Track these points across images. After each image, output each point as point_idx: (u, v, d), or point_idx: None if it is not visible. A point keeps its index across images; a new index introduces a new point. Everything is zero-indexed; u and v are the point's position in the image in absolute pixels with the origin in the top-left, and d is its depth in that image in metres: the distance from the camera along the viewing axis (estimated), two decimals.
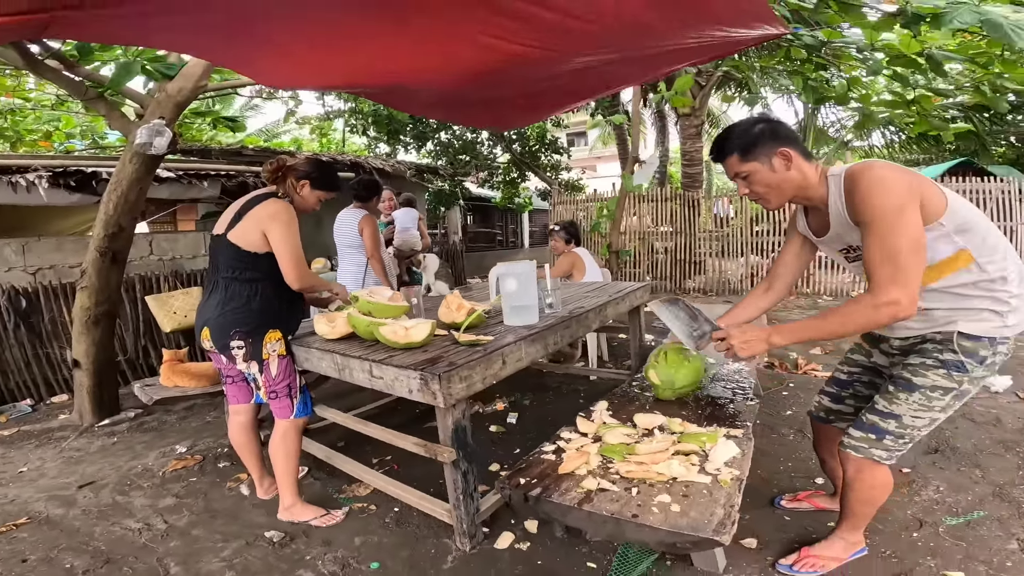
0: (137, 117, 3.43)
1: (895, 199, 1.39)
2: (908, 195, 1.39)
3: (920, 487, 2.29)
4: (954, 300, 1.50)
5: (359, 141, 11.85)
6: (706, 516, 1.40)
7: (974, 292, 1.48)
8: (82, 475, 2.82)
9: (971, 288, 1.48)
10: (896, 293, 1.39)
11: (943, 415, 1.56)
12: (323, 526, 2.23)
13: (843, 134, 12.97)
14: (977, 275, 1.47)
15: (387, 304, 2.26)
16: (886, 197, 1.40)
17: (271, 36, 1.85)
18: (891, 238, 1.39)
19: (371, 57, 2.08)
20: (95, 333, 3.55)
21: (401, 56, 2.09)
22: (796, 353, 4.51)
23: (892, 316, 1.41)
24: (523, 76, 2.40)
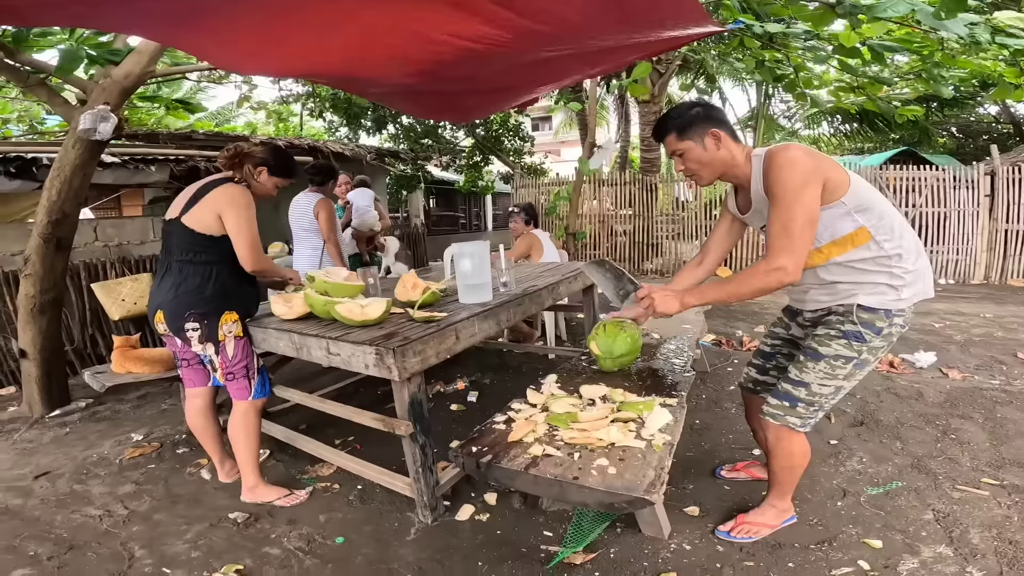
0: (80, 103, 3.32)
1: (799, 177, 1.55)
2: (812, 175, 1.55)
3: (845, 458, 2.47)
4: (856, 274, 1.66)
5: (318, 125, 11.58)
6: (639, 477, 1.51)
7: (873, 267, 1.64)
8: (37, 466, 2.76)
9: (870, 263, 1.64)
10: (784, 260, 1.55)
11: (847, 383, 1.72)
12: (287, 506, 2.27)
13: (792, 123, 13.46)
14: (876, 251, 1.63)
15: (343, 283, 2.31)
16: (792, 175, 1.55)
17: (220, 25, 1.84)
18: (790, 211, 1.55)
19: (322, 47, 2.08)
20: (41, 322, 3.45)
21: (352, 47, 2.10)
22: (742, 331, 4.74)
23: (779, 281, 1.58)
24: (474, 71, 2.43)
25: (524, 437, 1.80)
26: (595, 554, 1.87)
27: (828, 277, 1.70)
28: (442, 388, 3.63)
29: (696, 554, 1.86)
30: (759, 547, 1.87)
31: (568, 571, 1.80)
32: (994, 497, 2.09)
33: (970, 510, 2.02)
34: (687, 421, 2.87)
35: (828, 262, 1.68)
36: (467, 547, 1.97)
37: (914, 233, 1.70)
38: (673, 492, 2.24)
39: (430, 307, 2.42)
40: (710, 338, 4.50)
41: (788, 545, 1.88)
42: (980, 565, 1.73)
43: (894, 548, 1.84)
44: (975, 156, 9.89)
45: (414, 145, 10.77)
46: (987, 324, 4.78)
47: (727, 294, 1.72)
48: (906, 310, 1.66)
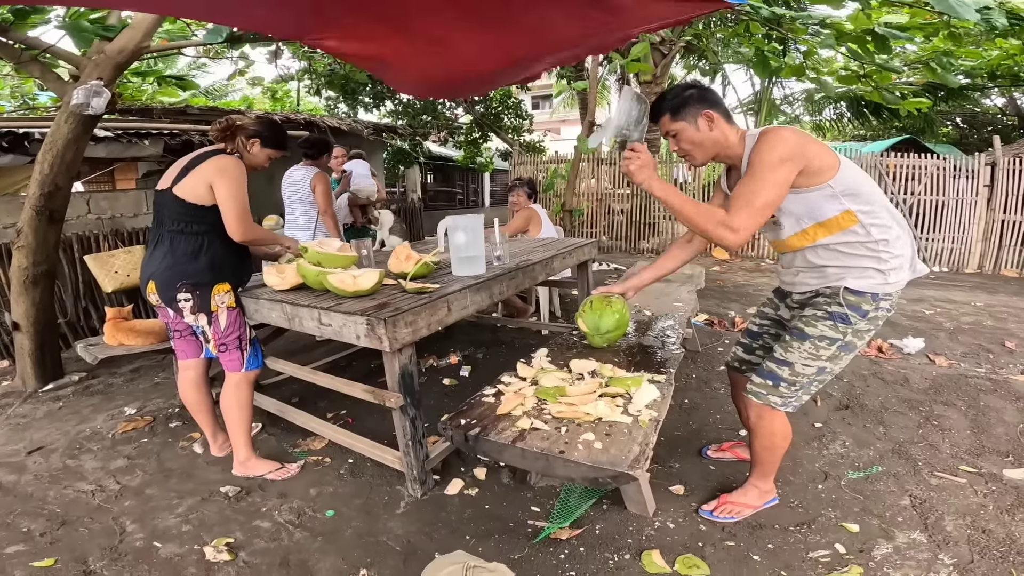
0: (73, 79, 3.30)
1: (779, 154, 1.56)
2: (792, 155, 1.56)
3: (829, 441, 2.51)
4: (844, 258, 1.68)
5: (315, 101, 11.45)
6: (624, 453, 1.54)
7: (860, 251, 1.66)
8: (30, 441, 2.77)
9: (858, 247, 1.66)
10: (737, 222, 1.57)
11: (831, 365, 1.74)
12: (279, 479, 2.30)
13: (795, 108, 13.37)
14: (863, 236, 1.65)
15: (336, 254, 2.31)
16: (774, 150, 1.57)
17: None
18: (759, 183, 1.57)
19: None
20: (34, 294, 3.44)
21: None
22: (734, 312, 4.77)
23: (721, 238, 1.60)
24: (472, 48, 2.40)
25: (512, 410, 1.83)
26: (581, 530, 1.91)
27: (817, 260, 1.72)
28: (435, 362, 3.66)
29: (679, 532, 1.90)
30: (740, 527, 1.91)
31: (554, 546, 1.84)
32: (971, 485, 2.13)
33: (946, 497, 2.06)
34: (676, 400, 2.92)
35: (815, 244, 1.70)
36: (455, 521, 2.00)
37: (903, 218, 1.71)
38: (659, 470, 2.28)
39: (423, 279, 2.43)
40: (702, 318, 4.54)
41: (769, 526, 1.92)
42: (952, 553, 1.77)
43: (870, 533, 1.88)
44: (977, 147, 9.85)
45: (412, 121, 10.68)
46: (977, 312, 4.81)
47: (677, 210, 1.68)
48: (893, 294, 1.68)
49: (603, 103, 17.49)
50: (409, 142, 10.68)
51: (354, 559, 1.82)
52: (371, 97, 10.21)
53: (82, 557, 1.87)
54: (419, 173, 11.86)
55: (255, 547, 1.90)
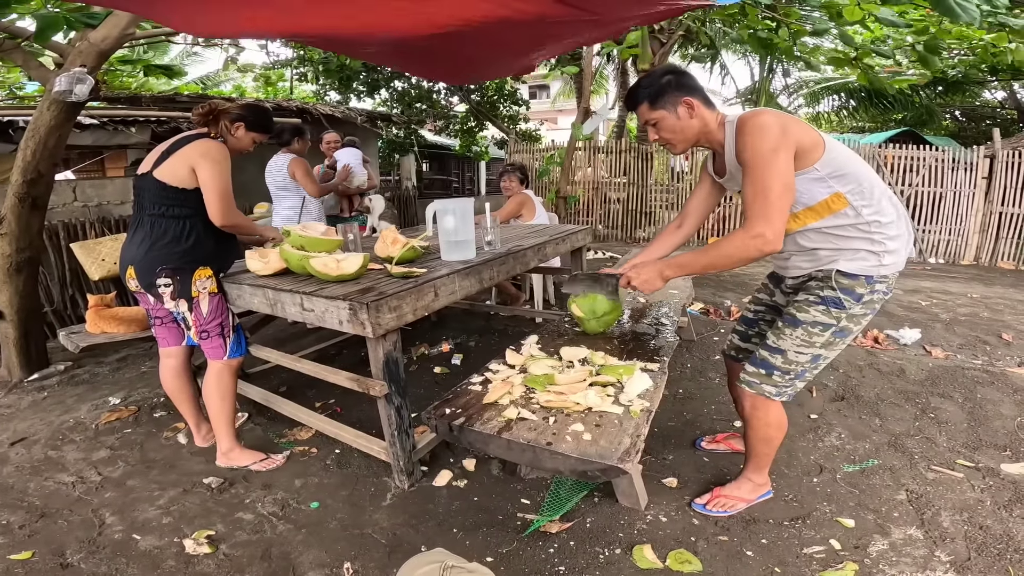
0: (57, 67, 3.25)
1: (770, 142, 1.50)
2: (782, 140, 1.51)
3: (824, 433, 2.47)
4: (835, 241, 1.63)
5: (309, 89, 11.31)
6: (614, 445, 1.48)
7: (852, 233, 1.61)
8: (13, 432, 2.72)
9: (849, 230, 1.61)
10: (762, 227, 1.51)
11: (825, 352, 1.69)
12: (263, 470, 2.26)
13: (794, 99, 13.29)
14: (854, 218, 1.59)
15: (320, 238, 2.26)
16: (763, 140, 1.51)
17: None
18: (764, 178, 1.51)
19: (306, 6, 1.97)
20: (18, 281, 3.38)
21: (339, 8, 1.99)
22: (730, 301, 4.73)
23: (759, 249, 1.54)
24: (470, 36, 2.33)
25: (499, 399, 1.77)
26: (571, 523, 1.87)
27: (808, 244, 1.67)
28: (427, 350, 3.61)
29: (671, 526, 1.86)
30: (734, 522, 1.88)
31: (543, 539, 1.80)
32: (968, 480, 2.09)
33: (943, 492, 2.02)
34: (670, 390, 2.87)
35: (805, 228, 1.65)
36: (443, 513, 1.96)
37: (896, 200, 1.66)
38: (652, 463, 2.24)
39: (410, 263, 2.37)
40: (698, 306, 4.50)
41: (763, 521, 1.88)
42: (948, 549, 1.73)
43: (866, 528, 1.84)
44: (976, 140, 9.82)
45: (407, 109, 10.57)
46: (973, 304, 4.78)
47: (706, 265, 1.70)
48: (889, 277, 1.63)
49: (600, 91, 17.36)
50: (404, 130, 10.59)
51: (338, 552, 1.78)
52: (365, 85, 10.09)
53: (60, 550, 1.83)
54: (414, 161, 11.75)
55: (236, 539, 1.86)
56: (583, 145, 9.10)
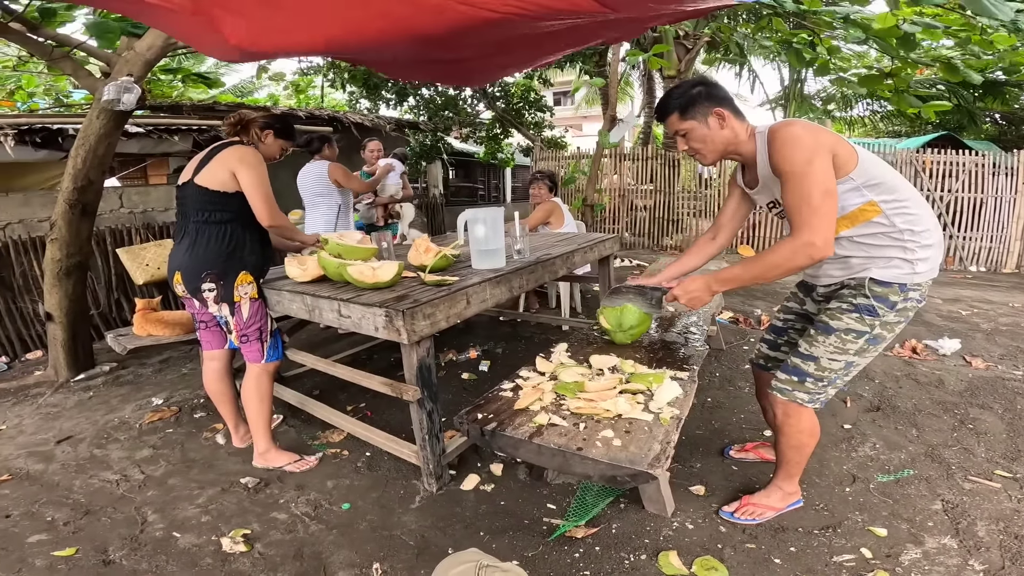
0: (103, 75, 3.37)
1: (805, 152, 1.50)
2: (817, 149, 1.51)
3: (858, 443, 2.43)
4: (868, 249, 1.62)
5: (339, 97, 11.55)
6: (644, 451, 1.50)
7: (885, 242, 1.59)
8: (60, 430, 2.84)
9: (882, 238, 1.59)
10: (810, 235, 1.50)
11: (859, 359, 1.68)
12: (297, 471, 2.32)
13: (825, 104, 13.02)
14: (887, 227, 1.58)
15: (356, 246, 2.33)
16: (797, 151, 1.51)
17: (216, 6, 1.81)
18: (804, 186, 1.50)
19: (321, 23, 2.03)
20: (67, 285, 3.54)
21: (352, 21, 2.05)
22: (760, 310, 4.66)
23: (809, 256, 1.53)
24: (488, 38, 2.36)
25: (530, 405, 1.80)
26: (597, 529, 1.88)
27: (840, 252, 1.66)
28: (454, 356, 3.66)
29: (698, 534, 1.86)
30: (762, 530, 1.86)
31: (569, 544, 1.81)
32: (1005, 490, 2.04)
33: (980, 502, 1.98)
34: (699, 398, 2.86)
35: (838, 236, 1.64)
36: (470, 516, 1.99)
37: (929, 208, 1.64)
38: (679, 470, 2.24)
39: (442, 271, 2.42)
40: (727, 315, 4.45)
41: (792, 529, 1.86)
42: (983, 559, 1.70)
43: (899, 537, 1.81)
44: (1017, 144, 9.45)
45: (434, 116, 10.70)
46: (1015, 314, 4.62)
47: (755, 277, 1.69)
48: (922, 284, 1.62)
49: (625, 98, 17.31)
50: (431, 138, 10.71)
51: (367, 552, 1.83)
52: (393, 93, 10.26)
53: (102, 547, 1.90)
54: (441, 169, 11.88)
55: (271, 539, 1.92)
56: (609, 152, 9.08)
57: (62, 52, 3.33)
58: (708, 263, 2.13)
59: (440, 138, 10.78)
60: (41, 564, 1.82)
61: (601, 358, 2.11)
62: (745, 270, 1.70)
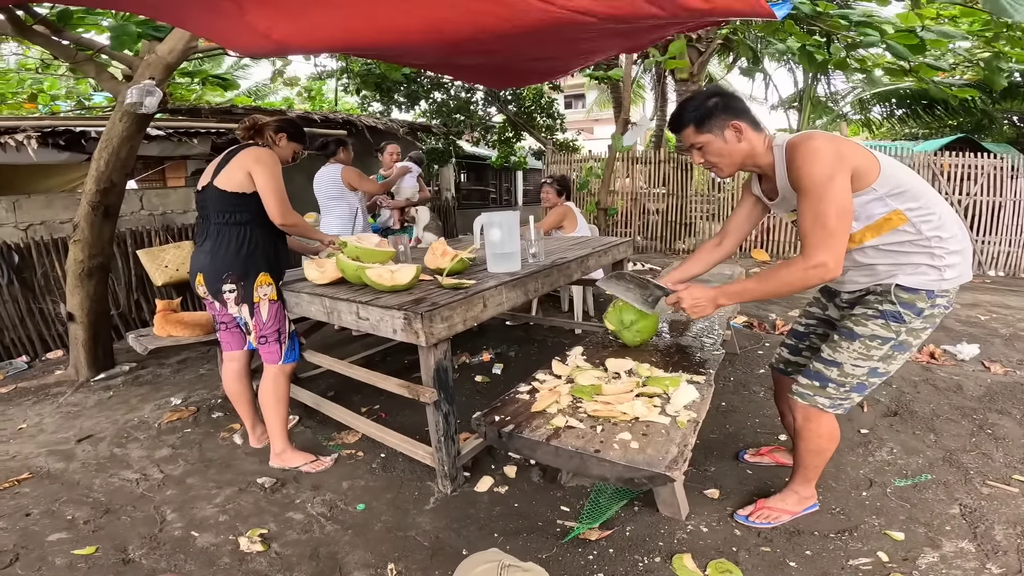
0: (125, 79, 3.43)
1: (825, 168, 1.49)
2: (838, 165, 1.49)
3: (875, 448, 2.41)
4: (894, 256, 1.60)
5: (351, 100, 11.66)
6: (661, 453, 1.50)
7: (911, 249, 1.58)
8: (80, 429, 2.88)
9: (908, 245, 1.58)
10: (823, 256, 1.50)
11: (883, 365, 1.66)
12: (313, 472, 2.35)
13: (841, 106, 12.89)
14: (914, 234, 1.57)
15: (374, 249, 2.36)
16: (818, 166, 1.49)
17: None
18: (821, 205, 1.49)
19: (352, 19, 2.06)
20: (89, 286, 3.60)
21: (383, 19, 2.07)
22: (775, 315, 4.63)
23: (820, 277, 1.53)
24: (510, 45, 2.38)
25: (547, 408, 1.81)
26: (610, 531, 1.88)
27: (865, 260, 1.65)
28: (467, 359, 3.68)
29: (712, 536, 1.85)
30: (777, 533, 1.85)
31: (582, 546, 1.82)
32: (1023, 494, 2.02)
33: (998, 506, 1.96)
34: (713, 403, 2.84)
35: (863, 245, 1.63)
36: (484, 518, 2.00)
37: (955, 213, 1.63)
38: (693, 473, 2.23)
39: (459, 275, 2.44)
40: (741, 319, 4.42)
41: (807, 532, 1.85)
42: (1000, 562, 1.69)
43: (916, 541, 1.80)
44: None
45: (446, 120, 10.76)
46: None
47: (764, 293, 1.69)
48: (950, 291, 1.60)
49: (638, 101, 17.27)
50: (443, 141, 10.77)
51: (382, 553, 1.84)
52: (405, 97, 10.33)
53: (122, 545, 1.93)
54: (453, 172, 11.94)
55: (287, 538, 1.94)
56: (621, 155, 9.06)
57: (85, 55, 3.39)
58: (717, 267, 2.12)
59: (452, 141, 10.84)
60: (61, 563, 1.85)
61: (617, 361, 2.11)
62: (755, 286, 1.69)
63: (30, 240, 4.31)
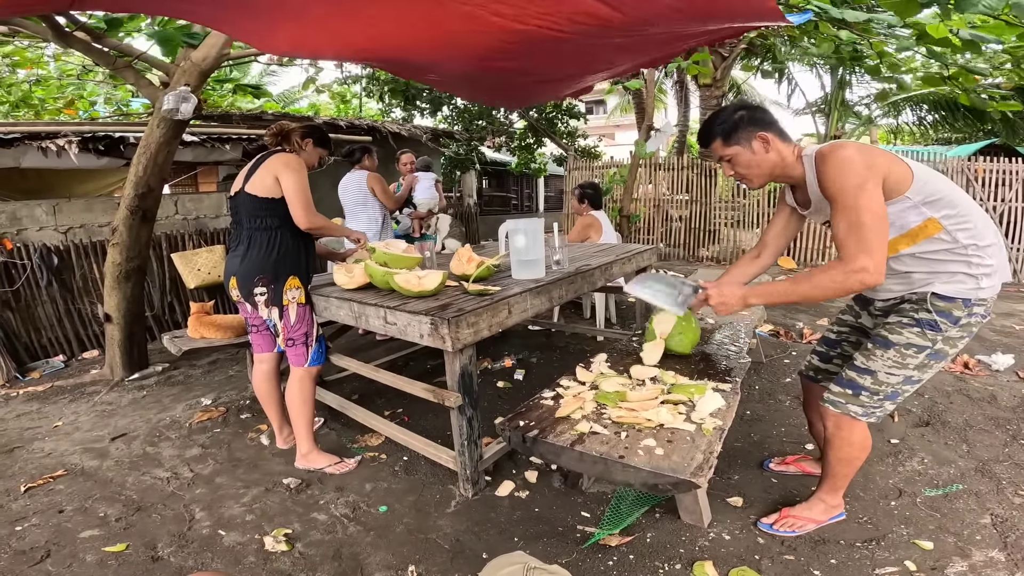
0: (162, 85, 3.53)
1: (855, 178, 1.48)
2: (868, 173, 1.49)
3: (905, 458, 2.36)
4: (931, 264, 1.58)
5: (376, 107, 11.83)
6: (687, 460, 1.50)
7: (948, 257, 1.56)
8: (114, 428, 2.96)
9: (945, 254, 1.56)
10: (864, 261, 1.48)
11: (918, 374, 1.64)
12: (337, 473, 2.39)
13: (871, 110, 12.62)
14: (950, 243, 1.55)
15: (402, 255, 2.39)
16: (848, 176, 1.49)
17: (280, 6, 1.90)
18: (854, 212, 1.48)
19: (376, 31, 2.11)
20: (126, 288, 3.72)
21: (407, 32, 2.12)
22: (802, 323, 4.55)
23: (861, 282, 1.50)
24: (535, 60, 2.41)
25: (571, 413, 1.82)
26: (631, 537, 1.88)
27: (901, 268, 1.63)
28: (489, 365, 3.70)
29: (735, 544, 1.84)
30: (801, 542, 1.83)
31: (603, 552, 1.82)
32: None
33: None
34: (738, 411, 2.80)
35: (899, 254, 1.61)
36: (504, 522, 2.02)
37: (991, 221, 1.60)
38: (717, 481, 2.21)
39: (484, 281, 2.47)
40: (767, 328, 4.36)
41: (833, 541, 1.83)
42: None
43: (945, 550, 1.77)
44: None
45: (468, 126, 10.84)
46: None
47: (799, 297, 1.65)
48: (988, 300, 1.57)
49: (660, 107, 17.17)
50: (465, 147, 10.85)
51: (403, 555, 1.86)
52: (428, 103, 10.45)
53: (152, 543, 1.97)
54: (475, 178, 12.01)
55: (311, 539, 1.98)
56: (643, 162, 9.02)
57: (125, 62, 3.49)
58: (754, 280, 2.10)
59: (474, 148, 10.92)
60: (92, 559, 1.89)
61: (642, 368, 2.11)
62: (789, 287, 1.66)
63: (69, 243, 4.46)
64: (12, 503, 2.26)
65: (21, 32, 3.56)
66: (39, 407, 3.35)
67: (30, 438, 2.89)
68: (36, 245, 4.26)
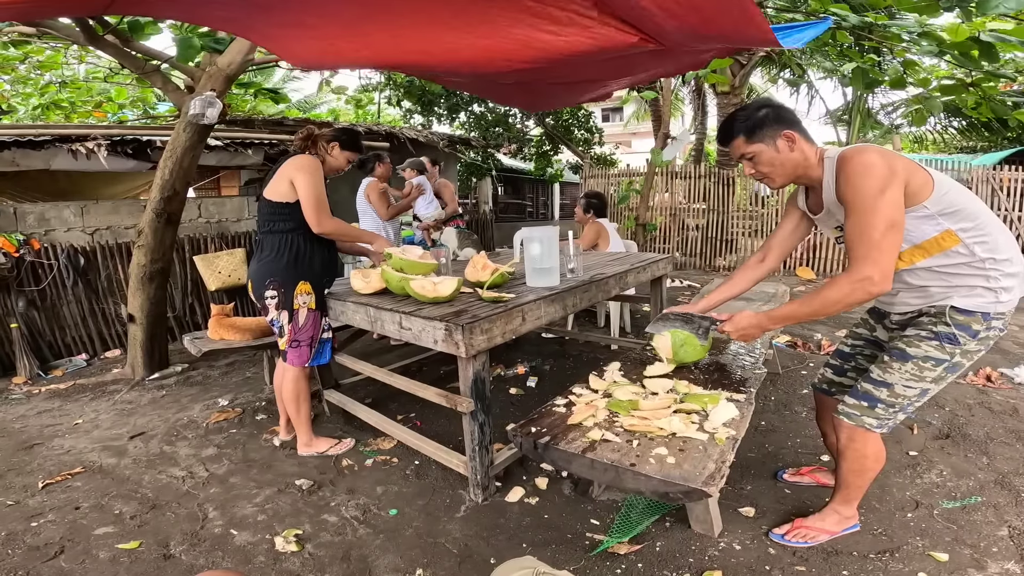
0: (188, 89, 3.60)
1: (876, 182, 1.46)
2: (889, 179, 1.46)
3: (924, 470, 2.32)
4: (949, 279, 1.56)
5: (394, 112, 11.97)
6: (698, 469, 1.49)
7: (966, 271, 1.54)
8: (133, 426, 3.01)
9: (963, 267, 1.54)
10: (868, 270, 1.46)
11: (935, 386, 1.62)
12: (339, 453, 2.51)
13: (893, 118, 12.44)
14: (967, 256, 1.52)
15: (417, 261, 2.42)
16: (868, 180, 1.47)
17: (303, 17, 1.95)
18: (868, 218, 1.46)
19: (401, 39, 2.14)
20: (149, 289, 3.80)
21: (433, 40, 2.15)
22: (821, 334, 4.49)
23: (867, 292, 1.49)
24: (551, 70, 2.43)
25: (584, 421, 1.82)
26: (640, 546, 1.87)
27: (917, 282, 1.61)
28: (502, 371, 3.70)
29: (745, 555, 1.82)
30: (813, 553, 1.80)
31: (611, 560, 1.81)
32: None
33: None
34: (753, 422, 2.79)
35: (914, 266, 1.59)
36: (513, 528, 2.02)
37: (1011, 235, 1.58)
38: (729, 491, 2.19)
39: (498, 288, 2.48)
40: (784, 339, 4.31)
41: (845, 553, 1.80)
42: None
43: (960, 562, 1.74)
44: None
45: (485, 133, 10.90)
46: None
47: (811, 314, 1.66)
48: (1006, 313, 1.55)
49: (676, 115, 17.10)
50: (481, 154, 10.92)
51: (412, 558, 1.87)
52: (445, 110, 10.55)
53: (165, 541, 2.00)
54: (491, 185, 12.06)
55: (321, 540, 1.99)
56: (660, 170, 8.98)
57: (153, 66, 3.57)
58: (759, 285, 2.10)
59: (490, 155, 10.98)
60: (105, 556, 1.92)
61: (655, 380, 2.10)
62: (801, 307, 1.67)
63: (96, 244, 4.57)
64: (29, 499, 2.32)
65: (50, 34, 3.65)
66: (60, 404, 3.43)
67: (50, 435, 2.96)
68: (63, 246, 4.37)
